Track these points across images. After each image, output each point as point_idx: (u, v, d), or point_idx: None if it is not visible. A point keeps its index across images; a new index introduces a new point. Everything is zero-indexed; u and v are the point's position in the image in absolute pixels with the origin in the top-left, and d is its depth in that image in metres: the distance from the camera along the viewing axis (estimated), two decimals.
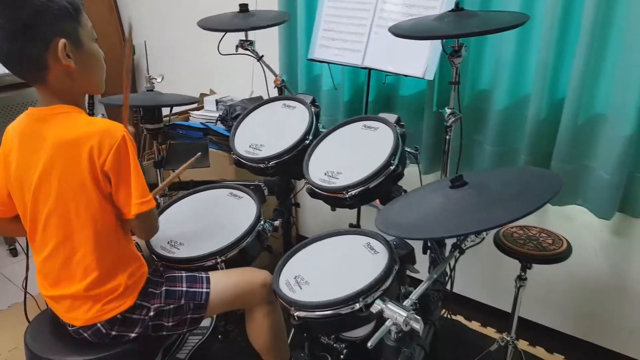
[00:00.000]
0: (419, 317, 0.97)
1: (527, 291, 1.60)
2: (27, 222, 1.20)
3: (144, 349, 1.28)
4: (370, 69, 1.83)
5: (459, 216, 1.03)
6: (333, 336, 1.57)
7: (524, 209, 0.95)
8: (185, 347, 1.89)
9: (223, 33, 1.83)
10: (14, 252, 2.63)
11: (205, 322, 2.00)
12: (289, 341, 1.60)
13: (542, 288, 1.97)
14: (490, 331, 2.12)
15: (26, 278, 1.89)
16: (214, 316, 2.01)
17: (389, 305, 1.00)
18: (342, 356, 1.48)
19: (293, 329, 1.81)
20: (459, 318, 2.17)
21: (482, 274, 2.15)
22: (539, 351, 2.00)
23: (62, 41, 1.07)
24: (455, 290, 2.01)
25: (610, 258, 1.81)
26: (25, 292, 1.89)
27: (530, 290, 1.82)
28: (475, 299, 2.23)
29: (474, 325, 2.17)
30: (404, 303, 1.02)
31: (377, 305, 1.02)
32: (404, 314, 0.97)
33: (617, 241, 1.78)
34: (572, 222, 1.81)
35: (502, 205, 1.02)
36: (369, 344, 0.96)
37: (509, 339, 1.61)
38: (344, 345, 1.53)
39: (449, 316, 1.91)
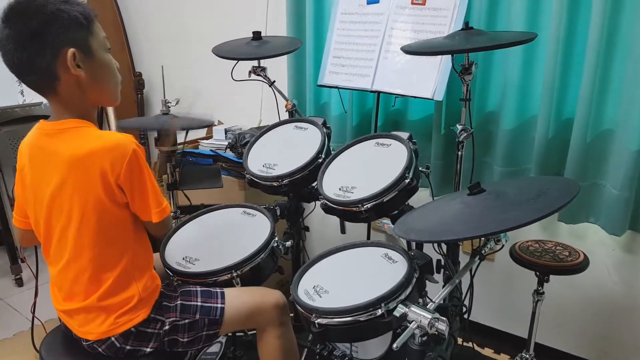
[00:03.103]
0: (444, 318, 0.96)
1: (541, 315, 1.58)
2: (40, 236, 1.20)
3: None
4: (379, 93, 1.87)
5: (479, 219, 1.03)
6: (347, 358, 1.54)
7: (546, 210, 0.96)
8: None
9: (236, 61, 1.89)
10: (19, 282, 2.60)
11: (215, 348, 1.95)
12: None
13: (556, 311, 1.94)
14: (504, 358, 2.08)
15: (34, 304, 1.88)
16: (223, 342, 1.97)
17: (412, 309, 0.99)
18: None
19: (305, 351, 1.77)
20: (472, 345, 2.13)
21: (494, 300, 2.13)
22: None
23: (72, 50, 1.06)
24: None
25: (623, 277, 1.80)
26: (34, 317, 1.87)
27: (545, 314, 1.79)
28: (488, 325, 2.19)
29: (487, 352, 2.12)
30: (427, 307, 1.01)
31: (400, 309, 1.01)
32: (429, 315, 0.97)
33: (630, 259, 1.77)
34: (585, 240, 1.81)
35: (521, 207, 1.02)
36: (394, 346, 0.95)
37: (527, 356, 1.57)
38: None
39: (471, 345, 1.86)
